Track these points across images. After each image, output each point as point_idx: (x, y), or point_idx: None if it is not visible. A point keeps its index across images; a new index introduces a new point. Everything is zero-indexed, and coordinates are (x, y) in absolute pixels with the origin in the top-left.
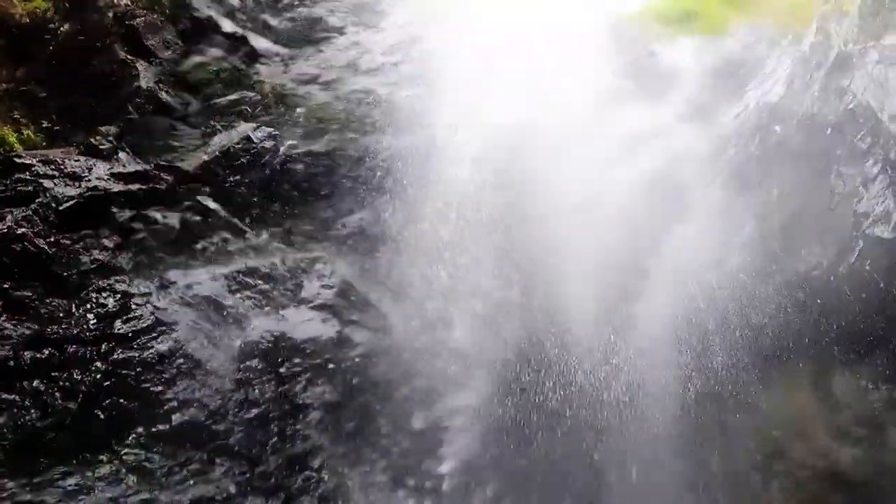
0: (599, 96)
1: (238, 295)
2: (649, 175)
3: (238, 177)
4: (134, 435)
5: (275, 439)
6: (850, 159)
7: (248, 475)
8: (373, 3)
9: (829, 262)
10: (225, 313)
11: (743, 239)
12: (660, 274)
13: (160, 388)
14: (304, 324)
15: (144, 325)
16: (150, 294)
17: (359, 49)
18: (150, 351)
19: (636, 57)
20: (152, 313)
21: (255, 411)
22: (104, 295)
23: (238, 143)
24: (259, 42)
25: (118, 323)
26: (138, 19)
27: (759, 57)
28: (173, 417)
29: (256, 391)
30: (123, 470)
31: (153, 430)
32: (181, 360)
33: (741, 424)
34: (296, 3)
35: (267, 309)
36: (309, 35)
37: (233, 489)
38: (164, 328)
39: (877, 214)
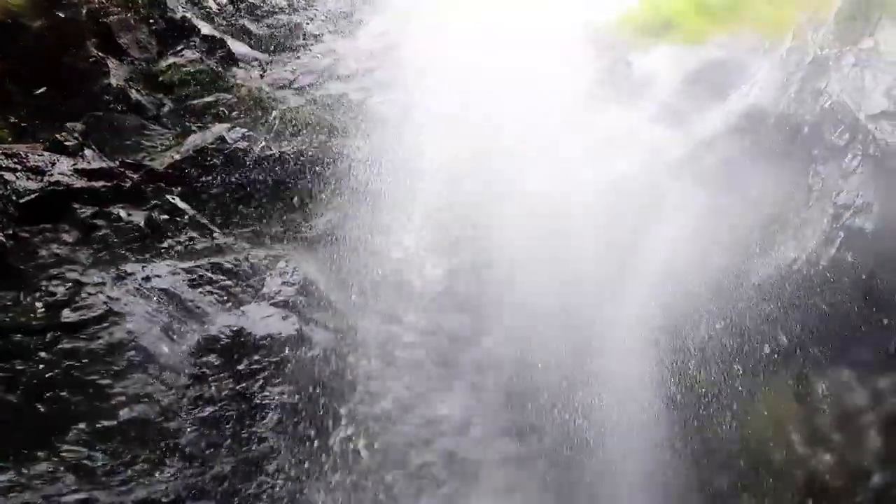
0: (574, 102)
1: (198, 289)
2: (623, 178)
3: (210, 177)
4: (76, 430)
5: (229, 440)
6: (827, 156)
7: (199, 478)
8: (350, 12)
9: (807, 255)
10: (183, 307)
11: (720, 239)
12: (636, 276)
13: (108, 381)
14: (264, 320)
15: (95, 314)
16: (104, 284)
17: (335, 56)
18: (100, 341)
19: (613, 65)
20: (105, 302)
21: (209, 410)
22: (55, 283)
23: (212, 143)
24: (237, 46)
25: (67, 311)
26: (111, 17)
27: (737, 63)
28: (120, 413)
29: (212, 388)
30: (62, 467)
31: (97, 425)
32: (132, 353)
33: (717, 433)
34: (275, 10)
35: (228, 304)
36: (287, 41)
37: (182, 492)
38: (116, 318)
39: (857, 206)
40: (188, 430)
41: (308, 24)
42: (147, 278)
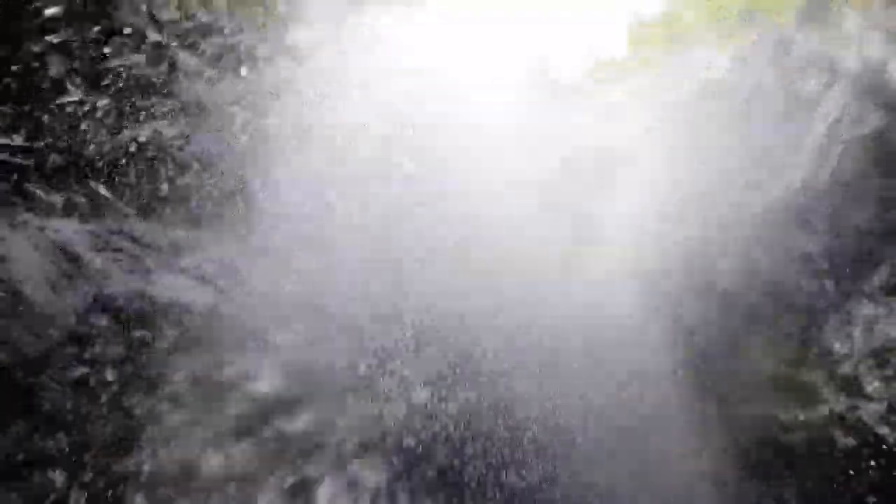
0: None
1: (103, 253)
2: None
3: (140, 168)
4: None
5: (105, 408)
6: (812, 97)
7: (56, 443)
8: (304, 41)
9: (806, 174)
10: (79, 264)
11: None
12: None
13: None
14: (173, 290)
15: None
16: None
17: (283, 77)
18: None
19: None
20: None
21: (86, 370)
22: None
23: (147, 138)
24: (185, 57)
25: None
26: (58, 15)
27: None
28: None
29: (95, 350)
30: None
31: None
32: (2, 294)
33: (726, 398)
34: (229, 30)
35: (133, 271)
36: (236, 60)
37: (32, 457)
38: None
39: (852, 116)
40: (53, 388)
41: (260, 45)
42: (42, 228)
